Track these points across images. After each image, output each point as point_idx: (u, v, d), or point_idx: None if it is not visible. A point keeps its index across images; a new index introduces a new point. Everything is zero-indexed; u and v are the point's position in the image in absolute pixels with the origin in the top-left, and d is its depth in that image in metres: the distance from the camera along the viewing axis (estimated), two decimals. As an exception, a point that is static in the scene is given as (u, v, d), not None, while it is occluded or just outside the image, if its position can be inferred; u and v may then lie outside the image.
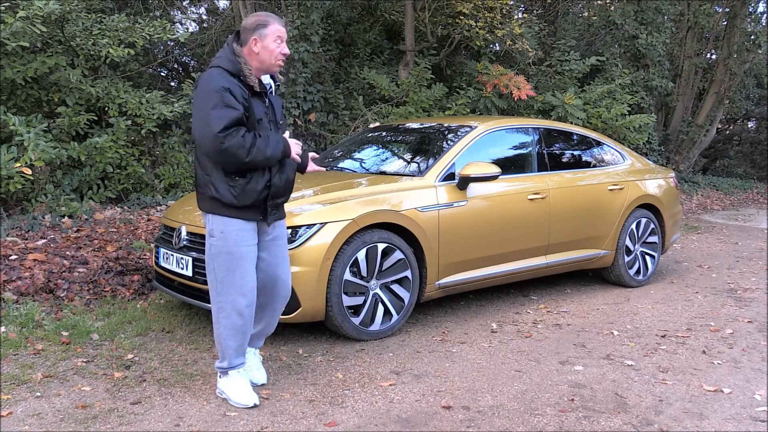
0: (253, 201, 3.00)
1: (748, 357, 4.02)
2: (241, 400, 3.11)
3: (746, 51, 14.72)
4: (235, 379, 3.16)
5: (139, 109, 6.83)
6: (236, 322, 3.08)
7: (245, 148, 2.86)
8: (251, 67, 2.99)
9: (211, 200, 3.02)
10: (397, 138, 5.59)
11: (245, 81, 2.95)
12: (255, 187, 2.99)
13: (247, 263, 3.05)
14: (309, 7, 8.44)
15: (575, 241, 5.27)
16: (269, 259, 3.20)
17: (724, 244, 8.25)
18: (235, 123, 2.87)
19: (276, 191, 3.08)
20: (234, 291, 3.04)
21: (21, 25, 5.58)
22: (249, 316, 3.11)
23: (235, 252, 3.02)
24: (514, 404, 3.26)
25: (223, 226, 3.01)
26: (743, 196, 14.50)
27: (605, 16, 12.28)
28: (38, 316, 4.14)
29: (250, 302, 3.09)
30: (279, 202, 3.17)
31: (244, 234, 3.03)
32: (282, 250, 3.26)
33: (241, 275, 3.04)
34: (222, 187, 2.97)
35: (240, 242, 3.02)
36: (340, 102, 9.20)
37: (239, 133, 2.87)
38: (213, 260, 3.06)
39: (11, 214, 6.06)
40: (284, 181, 3.12)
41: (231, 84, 2.90)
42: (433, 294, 4.47)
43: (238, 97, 2.90)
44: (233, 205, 2.99)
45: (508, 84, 9.20)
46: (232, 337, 3.10)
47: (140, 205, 6.91)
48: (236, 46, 3.02)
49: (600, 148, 5.84)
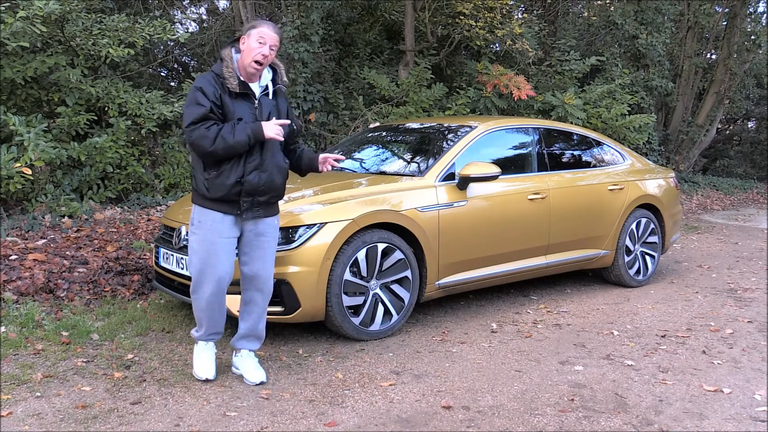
0: (223, 195, 3.19)
1: (748, 357, 4.02)
2: (197, 371, 3.42)
3: (746, 51, 14.72)
4: (201, 351, 3.46)
5: (139, 109, 6.83)
6: (204, 305, 3.34)
7: (209, 138, 3.08)
8: (233, 69, 3.18)
9: (194, 192, 3.30)
10: (397, 138, 5.59)
11: (224, 83, 3.16)
12: (225, 182, 3.17)
13: (219, 253, 3.24)
14: (309, 7, 8.44)
15: (575, 241, 5.27)
16: (251, 254, 3.34)
17: (724, 244, 8.25)
18: (200, 119, 3.11)
19: (251, 188, 3.21)
20: (205, 277, 3.27)
21: (21, 25, 5.58)
22: (216, 304, 3.33)
23: (208, 241, 3.24)
24: (514, 404, 3.26)
25: (201, 215, 3.26)
26: (743, 196, 14.50)
27: (605, 16, 12.28)
28: (38, 316, 4.14)
29: (219, 290, 3.30)
30: (259, 200, 3.26)
31: (218, 225, 3.23)
32: (265, 247, 3.36)
33: (213, 264, 3.24)
34: (200, 179, 3.23)
35: (214, 232, 3.23)
36: (340, 102, 9.20)
37: (204, 125, 3.10)
38: (192, 246, 3.32)
39: (11, 214, 6.06)
40: (264, 180, 3.24)
41: (206, 83, 3.15)
42: (433, 294, 4.47)
43: (209, 95, 3.13)
44: (207, 197, 3.22)
45: (508, 84, 9.20)
46: (202, 318, 3.39)
47: (140, 205, 6.91)
48: (226, 50, 3.24)
49: (600, 148, 5.84)
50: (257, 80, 3.27)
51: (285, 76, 3.39)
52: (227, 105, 3.16)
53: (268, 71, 3.34)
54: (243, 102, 3.20)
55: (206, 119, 3.12)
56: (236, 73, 3.20)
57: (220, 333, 3.50)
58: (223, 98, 3.16)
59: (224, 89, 3.16)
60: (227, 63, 3.18)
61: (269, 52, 3.18)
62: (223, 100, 3.16)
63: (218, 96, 3.14)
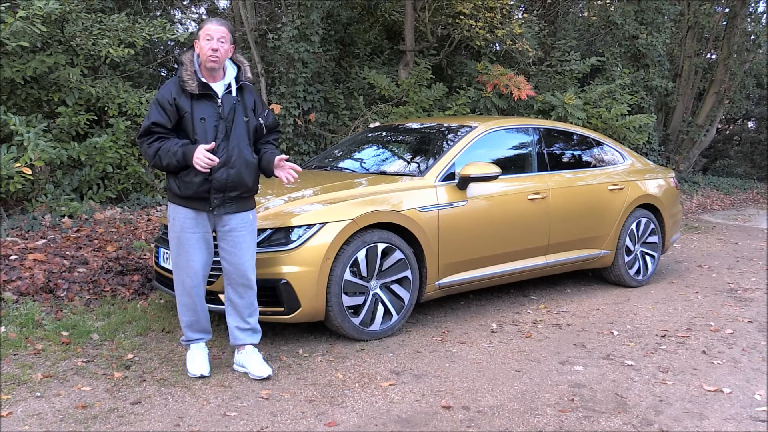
0: (193, 192, 3.30)
1: (748, 357, 4.02)
2: (191, 369, 3.46)
3: (746, 51, 14.71)
4: (194, 352, 3.52)
5: (139, 109, 6.83)
6: (185, 300, 3.45)
7: (149, 155, 3.30)
8: (192, 71, 3.30)
9: (168, 190, 3.44)
10: (397, 138, 5.59)
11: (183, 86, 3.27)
12: (193, 180, 3.27)
13: (191, 248, 3.36)
14: (309, 7, 8.44)
15: (575, 241, 5.27)
16: (227, 249, 3.43)
17: (724, 244, 8.25)
18: (144, 133, 3.30)
19: (219, 185, 3.30)
20: (182, 272, 3.40)
21: (21, 25, 5.58)
22: (196, 296, 3.43)
23: (181, 237, 3.36)
24: (514, 404, 3.26)
25: (174, 213, 3.39)
26: (743, 196, 14.50)
27: (605, 16, 12.28)
28: (38, 316, 4.14)
29: (196, 284, 3.41)
30: (230, 196, 3.34)
31: (188, 222, 3.35)
32: (240, 241, 3.42)
33: (187, 258, 3.37)
34: (171, 178, 3.37)
35: (185, 228, 3.35)
36: (340, 102, 9.20)
37: (148, 140, 3.29)
38: (170, 243, 3.44)
39: (11, 214, 6.06)
40: (231, 176, 3.32)
41: (164, 91, 3.30)
42: (433, 294, 4.47)
43: (164, 104, 3.27)
44: (178, 195, 3.34)
45: (508, 84, 9.20)
46: (184, 313, 3.48)
47: (140, 205, 6.91)
48: (187, 54, 3.37)
49: (600, 148, 5.84)
50: (221, 78, 3.37)
51: (249, 72, 3.48)
52: (183, 107, 3.26)
53: (233, 68, 3.43)
54: (205, 102, 3.30)
55: (150, 134, 3.28)
56: (197, 74, 3.29)
57: (207, 332, 3.56)
58: (178, 102, 3.26)
59: (184, 92, 3.27)
60: (186, 66, 3.31)
61: (218, 45, 3.27)
62: (178, 103, 3.26)
63: (172, 102, 3.26)
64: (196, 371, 3.45)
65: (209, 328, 3.58)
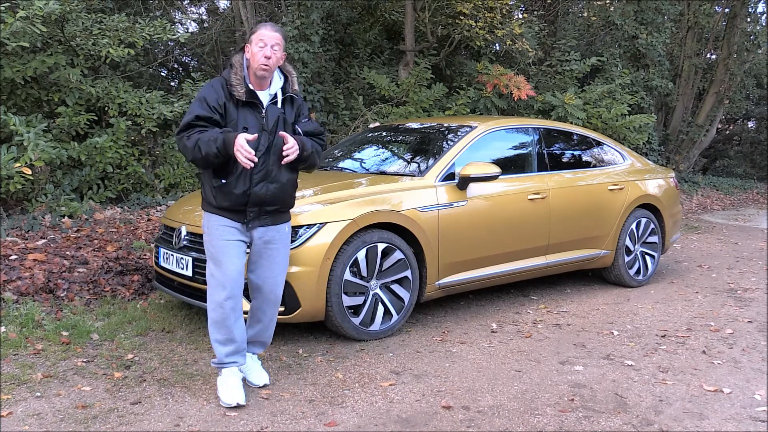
0: (229, 204, 3.13)
1: (748, 357, 4.02)
2: (225, 398, 3.14)
3: (746, 51, 14.70)
4: (226, 377, 3.20)
5: (139, 109, 6.83)
6: (217, 314, 3.16)
7: (188, 148, 3.06)
8: (242, 77, 3.13)
9: (203, 199, 3.26)
10: (397, 138, 5.59)
11: (231, 91, 3.11)
12: (233, 191, 3.11)
13: (227, 256, 3.14)
14: (309, 7, 8.44)
15: (575, 241, 5.27)
16: (260, 262, 3.27)
17: (724, 244, 8.25)
18: (185, 128, 3.08)
19: (258, 200, 3.14)
20: (216, 283, 3.16)
21: (21, 25, 5.58)
22: (230, 309, 3.14)
23: (216, 245, 3.16)
24: (514, 404, 3.26)
25: (208, 221, 3.21)
26: (743, 196, 14.50)
27: (605, 16, 12.28)
28: (38, 316, 4.14)
29: (231, 295, 3.13)
30: (266, 210, 3.19)
31: (224, 229, 3.16)
32: (274, 255, 3.27)
33: (223, 268, 3.14)
34: (208, 187, 3.19)
35: (221, 236, 3.15)
36: (340, 102, 9.20)
37: (188, 134, 3.07)
38: (206, 252, 3.24)
39: (11, 214, 6.06)
40: (271, 191, 3.15)
41: (210, 92, 3.11)
42: (433, 294, 4.47)
43: (211, 103, 3.09)
44: (214, 205, 3.18)
45: (508, 84, 9.20)
46: (216, 330, 3.19)
47: (140, 205, 6.91)
48: (237, 57, 3.19)
49: (600, 148, 5.84)
50: (267, 87, 3.19)
51: (296, 84, 3.29)
52: (230, 113, 3.11)
53: (280, 78, 3.25)
54: (249, 110, 3.13)
55: (191, 127, 3.07)
56: (245, 80, 3.13)
57: (242, 352, 3.27)
58: (227, 106, 3.10)
59: (231, 97, 3.11)
60: (236, 69, 3.13)
61: (272, 52, 3.09)
62: (227, 108, 3.10)
63: (222, 104, 3.09)
64: (231, 401, 3.11)
65: (244, 345, 3.27)
